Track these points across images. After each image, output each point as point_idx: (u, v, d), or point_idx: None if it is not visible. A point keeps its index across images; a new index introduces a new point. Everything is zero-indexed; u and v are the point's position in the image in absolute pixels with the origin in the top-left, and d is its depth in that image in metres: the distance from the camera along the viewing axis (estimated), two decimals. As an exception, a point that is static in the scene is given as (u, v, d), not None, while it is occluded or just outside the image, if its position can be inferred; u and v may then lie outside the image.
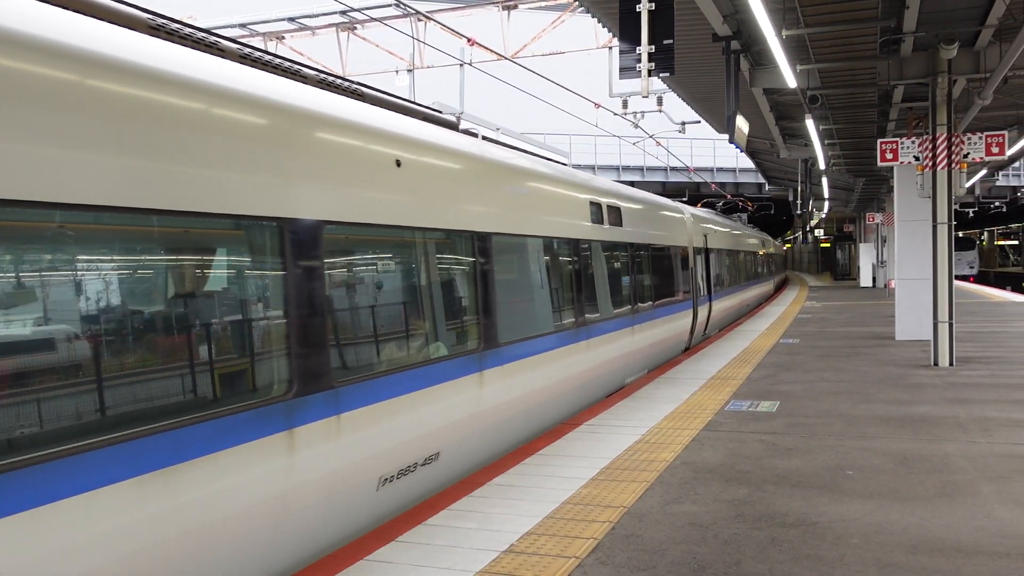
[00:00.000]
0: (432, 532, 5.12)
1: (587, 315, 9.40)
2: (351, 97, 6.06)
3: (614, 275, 10.78)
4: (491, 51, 15.84)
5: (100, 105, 3.58)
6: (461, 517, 5.40)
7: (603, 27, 15.05)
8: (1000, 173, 34.86)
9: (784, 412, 8.80)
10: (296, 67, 5.72)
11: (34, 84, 3.31)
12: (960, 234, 58.52)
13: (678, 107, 21.24)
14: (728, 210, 40.09)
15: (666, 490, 5.96)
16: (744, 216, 36.07)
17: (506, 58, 15.56)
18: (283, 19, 21.63)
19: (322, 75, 5.98)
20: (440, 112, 7.72)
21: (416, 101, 7.45)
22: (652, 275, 12.51)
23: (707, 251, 17.52)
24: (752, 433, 7.81)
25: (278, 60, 5.59)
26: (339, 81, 6.15)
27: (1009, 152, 15.22)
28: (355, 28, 21.67)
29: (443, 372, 6.07)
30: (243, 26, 22.01)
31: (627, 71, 9.48)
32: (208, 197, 4.06)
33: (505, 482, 6.22)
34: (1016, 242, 70.64)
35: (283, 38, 22.30)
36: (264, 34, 22.22)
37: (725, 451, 7.11)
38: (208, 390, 4.10)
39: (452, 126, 7.53)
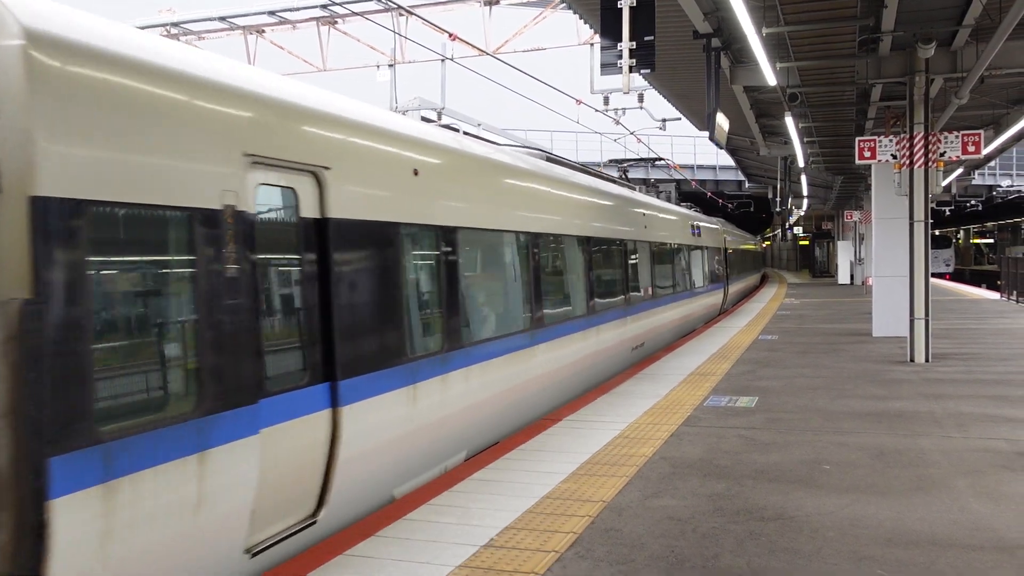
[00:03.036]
0: (412, 527, 5.12)
1: None
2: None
3: None
4: (473, 46, 15.80)
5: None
6: (441, 512, 5.41)
7: (585, 23, 15.10)
8: (976, 172, 35.26)
9: (763, 407, 8.87)
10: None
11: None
12: (936, 232, 59.11)
13: (659, 104, 21.31)
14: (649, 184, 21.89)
15: (645, 485, 5.99)
16: (673, 191, 23.60)
17: (488, 54, 15.51)
18: (263, 12, 21.44)
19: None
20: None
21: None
22: None
23: (452, 232, 6.87)
24: (731, 428, 7.86)
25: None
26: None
27: (985, 151, 15.37)
28: (336, 22, 21.54)
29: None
30: (223, 19, 21.81)
31: (608, 67, 9.53)
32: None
33: (485, 477, 6.23)
34: (991, 240, 71.42)
35: (263, 32, 22.12)
36: (244, 28, 22.03)
37: (704, 446, 7.16)
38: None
39: None
